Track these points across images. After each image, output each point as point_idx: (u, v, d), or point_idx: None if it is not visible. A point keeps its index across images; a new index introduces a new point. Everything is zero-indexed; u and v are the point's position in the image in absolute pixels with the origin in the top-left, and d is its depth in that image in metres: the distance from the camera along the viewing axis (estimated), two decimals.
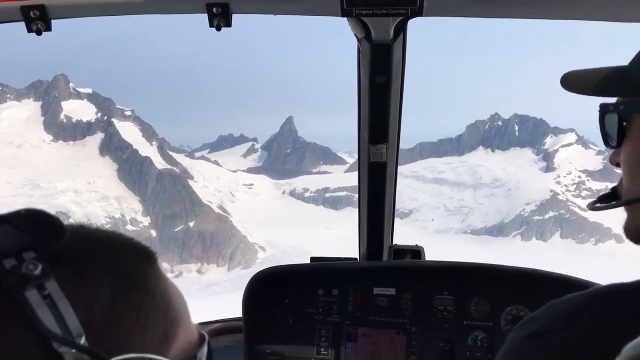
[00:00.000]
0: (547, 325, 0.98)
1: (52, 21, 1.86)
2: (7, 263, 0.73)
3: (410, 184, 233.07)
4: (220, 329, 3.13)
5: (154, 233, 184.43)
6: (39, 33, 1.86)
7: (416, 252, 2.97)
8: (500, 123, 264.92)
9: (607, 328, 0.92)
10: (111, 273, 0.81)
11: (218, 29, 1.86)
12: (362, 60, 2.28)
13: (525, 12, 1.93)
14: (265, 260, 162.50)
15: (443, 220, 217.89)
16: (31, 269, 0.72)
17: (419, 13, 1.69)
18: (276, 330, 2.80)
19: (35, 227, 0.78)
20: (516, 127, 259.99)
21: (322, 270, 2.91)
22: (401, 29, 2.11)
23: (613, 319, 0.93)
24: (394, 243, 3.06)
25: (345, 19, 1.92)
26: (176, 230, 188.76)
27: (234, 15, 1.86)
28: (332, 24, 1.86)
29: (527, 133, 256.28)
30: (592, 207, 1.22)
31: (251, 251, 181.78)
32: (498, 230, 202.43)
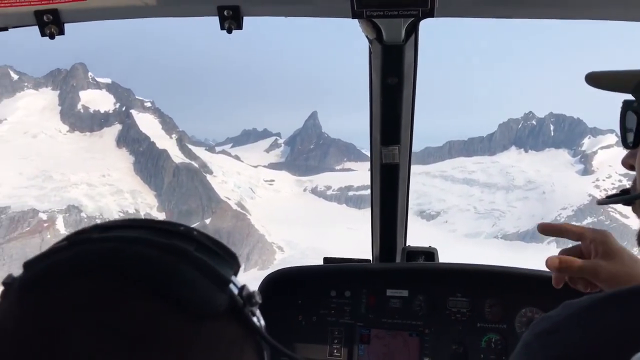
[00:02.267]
0: (560, 324, 0.98)
1: (65, 24, 1.89)
2: (232, 287, 0.77)
3: (439, 184, 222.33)
4: None
5: None
6: (52, 37, 1.91)
7: (430, 253, 2.97)
8: (534, 122, 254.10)
9: (623, 329, 0.89)
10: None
11: (229, 31, 1.88)
12: (373, 61, 2.29)
13: (540, 12, 1.92)
14: (283, 261, 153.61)
15: (473, 223, 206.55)
16: (259, 298, 0.78)
17: (430, 14, 1.70)
18: (289, 331, 2.82)
19: (225, 250, 0.81)
20: (551, 127, 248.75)
21: (335, 271, 2.94)
22: (413, 30, 2.10)
23: (630, 321, 0.90)
24: (407, 245, 3.07)
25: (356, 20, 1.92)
26: (192, 227, 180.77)
27: (244, 18, 1.88)
28: (349, 22, 1.85)
29: (563, 133, 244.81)
30: (600, 201, 1.22)
31: (269, 251, 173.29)
32: (531, 236, 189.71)
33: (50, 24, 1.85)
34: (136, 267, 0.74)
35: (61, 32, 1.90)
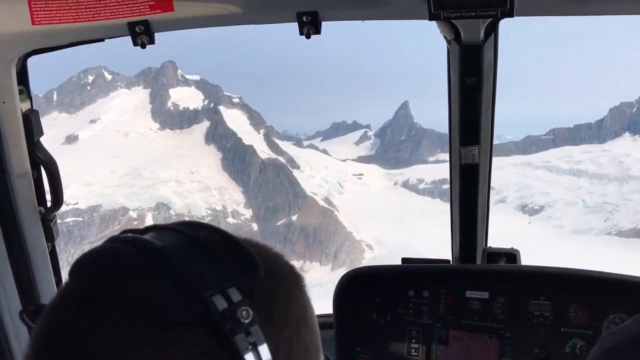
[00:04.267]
0: (632, 340, 0.91)
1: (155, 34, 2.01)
2: (217, 302, 0.74)
3: (542, 176, 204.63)
4: None
5: (255, 226, 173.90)
6: (143, 47, 2.02)
7: (511, 255, 2.92)
8: None
9: None
10: (290, 314, 0.82)
11: (308, 37, 1.91)
12: (451, 61, 2.28)
13: (623, 8, 1.86)
14: (372, 260, 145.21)
15: (582, 218, 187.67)
16: (245, 316, 0.74)
17: (510, 14, 1.66)
18: (367, 329, 2.83)
19: (235, 259, 0.79)
20: None
21: (413, 271, 2.93)
22: (492, 30, 2.08)
23: None
24: (488, 246, 3.05)
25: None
26: (278, 224, 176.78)
27: (323, 23, 1.92)
28: (427, 21, 1.84)
29: None
30: None
31: (357, 250, 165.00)
32: None
33: (142, 34, 1.96)
34: (106, 272, 0.76)
35: (152, 41, 2.01)
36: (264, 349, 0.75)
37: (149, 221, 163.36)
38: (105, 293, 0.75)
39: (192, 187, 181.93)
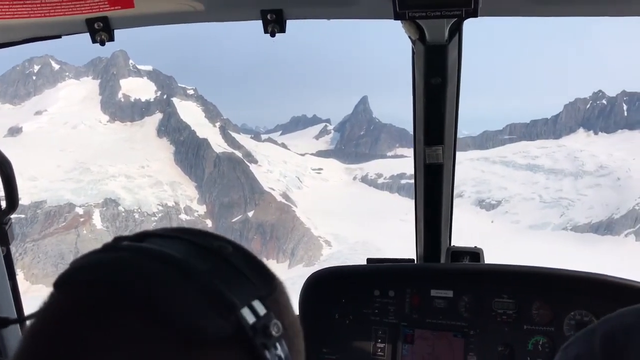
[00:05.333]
0: (592, 351, 0.92)
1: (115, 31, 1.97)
2: (246, 314, 0.73)
3: (499, 171, 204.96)
4: None
5: (209, 223, 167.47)
6: (102, 44, 1.97)
7: (475, 254, 2.96)
8: (605, 102, 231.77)
9: None
10: (295, 324, 0.82)
11: (272, 35, 1.89)
12: (416, 61, 2.28)
13: (586, 9, 1.89)
14: (330, 257, 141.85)
15: (538, 213, 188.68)
16: (276, 330, 0.74)
17: (474, 14, 1.67)
18: (333, 329, 2.85)
19: (254, 271, 0.78)
20: (624, 106, 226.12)
21: (378, 271, 2.93)
22: (457, 30, 2.09)
23: None
24: (452, 245, 3.08)
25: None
26: (234, 220, 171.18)
27: (288, 21, 1.91)
28: (392, 21, 1.81)
29: (638, 113, 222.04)
30: None
31: (315, 246, 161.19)
32: (606, 228, 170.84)
33: (101, 31, 1.92)
34: (128, 283, 0.72)
35: (111, 38, 1.96)
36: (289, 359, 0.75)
37: (96, 218, 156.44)
38: (127, 308, 0.71)
39: (143, 182, 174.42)
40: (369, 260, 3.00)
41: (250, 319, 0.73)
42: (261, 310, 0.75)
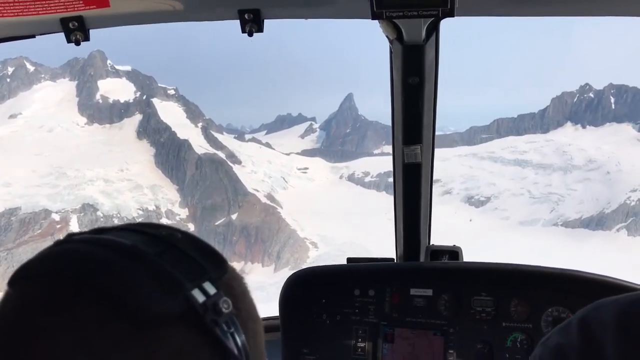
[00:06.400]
0: (573, 342, 0.93)
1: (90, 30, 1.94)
2: (196, 294, 0.76)
3: (487, 167, 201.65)
4: None
5: (192, 227, 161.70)
6: (77, 43, 1.94)
7: (454, 252, 3.00)
8: (592, 95, 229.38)
9: None
10: (249, 309, 0.86)
11: (250, 34, 1.90)
12: (394, 61, 2.30)
13: (564, 9, 1.90)
14: (318, 259, 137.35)
15: (528, 209, 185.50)
16: (226, 307, 0.77)
17: (450, 14, 1.69)
18: (313, 330, 2.88)
19: (203, 254, 0.81)
20: (612, 99, 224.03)
21: (358, 270, 2.98)
22: (434, 30, 2.11)
23: None
24: (431, 243, 3.11)
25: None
26: (217, 223, 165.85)
27: (265, 21, 1.91)
28: (370, 20, 1.84)
29: (625, 106, 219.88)
30: None
31: (302, 248, 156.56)
32: (597, 223, 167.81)
33: (76, 30, 1.88)
34: (78, 270, 0.75)
35: (86, 38, 1.93)
36: (242, 338, 0.79)
37: (73, 224, 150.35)
38: (80, 294, 0.74)
39: (122, 186, 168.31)
40: (348, 259, 3.05)
41: (200, 298, 0.76)
42: (211, 290, 0.78)
